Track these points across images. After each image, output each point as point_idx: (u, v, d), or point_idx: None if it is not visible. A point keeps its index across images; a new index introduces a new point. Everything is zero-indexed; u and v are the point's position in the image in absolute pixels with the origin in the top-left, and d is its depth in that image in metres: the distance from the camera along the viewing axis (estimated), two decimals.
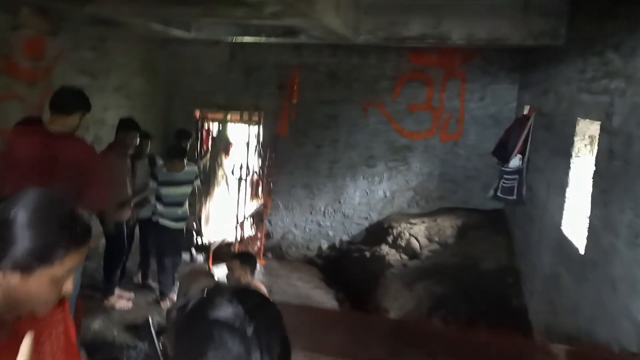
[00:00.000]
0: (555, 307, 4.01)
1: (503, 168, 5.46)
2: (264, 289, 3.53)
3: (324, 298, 6.09)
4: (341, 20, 4.17)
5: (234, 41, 6.12)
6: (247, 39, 5.78)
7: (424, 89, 6.95)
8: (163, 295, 5.16)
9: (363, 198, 7.26)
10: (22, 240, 1.03)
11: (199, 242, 7.39)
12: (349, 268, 6.79)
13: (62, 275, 1.07)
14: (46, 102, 5.13)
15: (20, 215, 1.03)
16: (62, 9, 4.73)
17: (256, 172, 7.34)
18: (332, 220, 7.38)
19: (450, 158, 7.04)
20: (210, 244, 7.26)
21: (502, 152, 5.47)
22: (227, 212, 7.90)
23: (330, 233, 7.40)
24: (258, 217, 6.87)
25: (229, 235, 7.08)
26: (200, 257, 6.97)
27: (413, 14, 4.81)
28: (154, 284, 5.43)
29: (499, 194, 5.50)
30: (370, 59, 6.96)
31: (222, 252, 6.33)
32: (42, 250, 1.04)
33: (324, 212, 7.37)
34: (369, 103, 7.05)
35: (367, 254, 6.61)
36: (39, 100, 5.10)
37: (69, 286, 1.12)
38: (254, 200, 7.27)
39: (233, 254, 3.59)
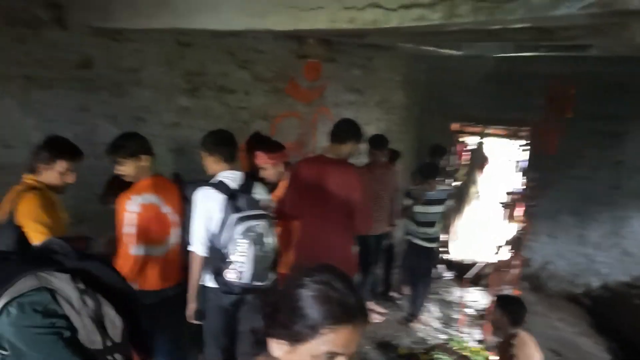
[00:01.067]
0: None
1: None
2: (536, 346, 3.08)
3: (593, 349, 5.16)
4: None
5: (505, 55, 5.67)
6: (523, 54, 5.29)
7: None
8: (412, 316, 5.10)
9: None
10: (304, 312, 1.01)
11: (449, 260, 7.16)
12: (628, 317, 5.62)
13: (326, 354, 1.01)
14: (319, 119, 5.64)
15: (308, 287, 1.03)
16: (343, 41, 5.06)
17: (517, 193, 6.71)
18: (606, 256, 6.22)
19: None
20: (461, 262, 6.97)
21: None
22: (477, 231, 7.48)
23: (604, 270, 6.25)
24: (516, 243, 6.25)
25: (479, 255, 6.68)
26: (448, 275, 6.74)
27: None
28: (401, 302, 5.46)
29: None
30: None
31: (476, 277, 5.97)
32: (318, 324, 1.00)
33: (597, 245, 6.27)
34: None
35: None
36: (312, 118, 5.58)
37: None
38: (512, 223, 6.66)
39: (498, 296, 3.21)
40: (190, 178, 3.18)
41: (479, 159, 7.15)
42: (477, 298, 6.04)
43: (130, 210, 2.67)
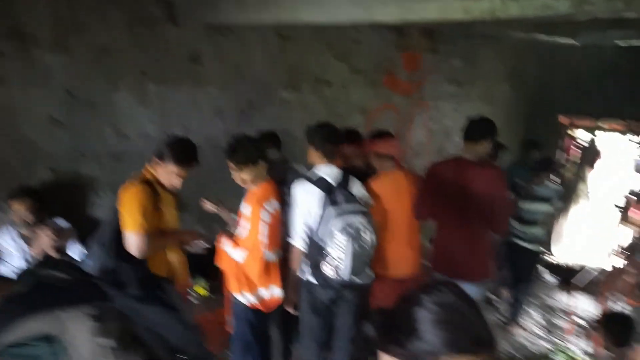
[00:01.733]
0: None
1: None
2: None
3: None
4: None
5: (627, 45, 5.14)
6: None
7: None
8: (512, 320, 4.84)
9: None
10: (422, 335, 0.92)
11: (553, 263, 6.70)
12: None
13: None
14: (417, 113, 5.49)
15: (429, 309, 0.94)
16: (446, 31, 4.87)
17: (634, 194, 6.11)
18: None
19: None
20: (567, 266, 6.50)
21: None
22: (586, 233, 6.92)
23: None
24: (631, 248, 5.70)
25: (587, 260, 6.17)
26: (551, 279, 6.30)
27: None
28: (500, 306, 5.19)
29: None
30: None
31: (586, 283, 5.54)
32: (438, 350, 0.91)
33: None
34: None
35: None
36: (410, 111, 5.44)
37: None
38: (627, 226, 6.07)
39: (601, 319, 2.92)
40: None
41: (590, 155, 6.58)
42: (585, 306, 5.60)
43: (265, 220, 2.71)
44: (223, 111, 3.94)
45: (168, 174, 2.58)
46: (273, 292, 2.85)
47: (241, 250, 2.74)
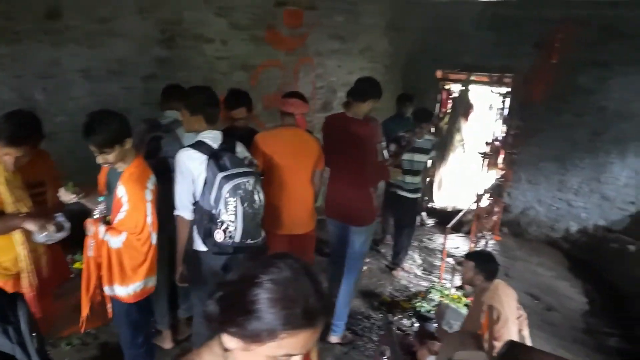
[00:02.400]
0: None
1: None
2: (512, 292, 3.15)
3: (570, 292, 5.35)
4: None
5: None
6: None
7: None
8: (395, 265, 5.19)
9: (632, 179, 6.01)
10: (260, 314, 0.92)
11: (432, 208, 7.23)
12: (604, 261, 5.81)
13: (283, 356, 0.96)
14: (301, 67, 5.48)
15: (265, 288, 0.94)
16: None
17: (498, 140, 6.72)
18: (586, 201, 6.35)
19: None
20: (444, 210, 7.04)
21: None
22: (461, 178, 7.53)
23: (583, 215, 6.40)
24: (497, 190, 6.32)
25: (462, 203, 6.73)
26: (430, 222, 6.83)
27: None
28: (384, 251, 5.55)
29: None
30: None
31: (458, 224, 6.03)
32: (276, 329, 0.92)
33: (577, 191, 6.38)
34: None
35: (632, 247, 5.52)
36: (295, 67, 5.41)
37: None
38: (493, 170, 6.71)
39: (468, 253, 3.22)
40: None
41: (463, 107, 7.08)
42: (459, 245, 6.16)
43: (149, 199, 2.46)
44: (90, 71, 3.61)
45: None
46: (148, 283, 2.60)
47: (120, 236, 2.44)
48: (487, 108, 7.30)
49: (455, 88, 7.16)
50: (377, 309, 4.31)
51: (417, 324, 4.03)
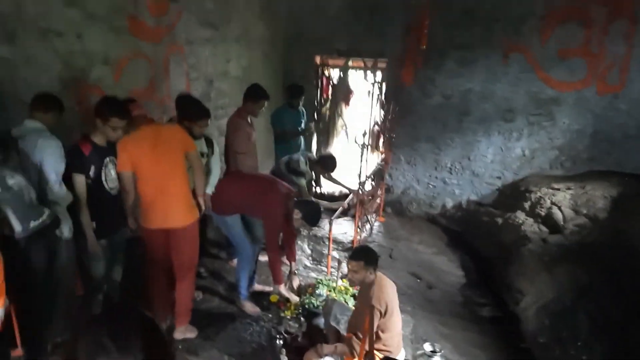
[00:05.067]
0: None
1: None
2: (392, 284, 3.23)
3: (448, 267, 5.71)
4: None
5: None
6: None
7: (581, 31, 5.84)
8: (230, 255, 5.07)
9: (497, 156, 6.54)
10: None
11: (321, 194, 7.29)
12: (477, 232, 6.28)
13: None
14: (171, 58, 5.12)
15: None
16: None
17: (378, 124, 6.90)
18: (459, 178, 6.80)
19: (607, 113, 6.00)
20: (332, 195, 7.12)
21: None
22: (345, 162, 7.66)
23: (457, 191, 6.85)
24: (379, 173, 6.52)
25: (348, 187, 6.85)
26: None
27: None
28: None
29: None
30: None
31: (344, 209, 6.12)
32: None
33: (451, 169, 6.80)
34: (512, 47, 6.12)
35: (499, 219, 6.01)
36: (164, 58, 5.05)
37: None
38: (375, 153, 6.90)
39: (354, 253, 3.22)
40: None
41: (343, 92, 7.16)
42: (347, 230, 6.27)
43: None
44: None
45: None
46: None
47: None
48: (366, 93, 7.45)
49: (335, 74, 7.21)
50: (267, 308, 4.23)
51: (305, 322, 4.01)
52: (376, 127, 6.89)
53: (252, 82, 5.00)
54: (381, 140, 6.91)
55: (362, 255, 3.17)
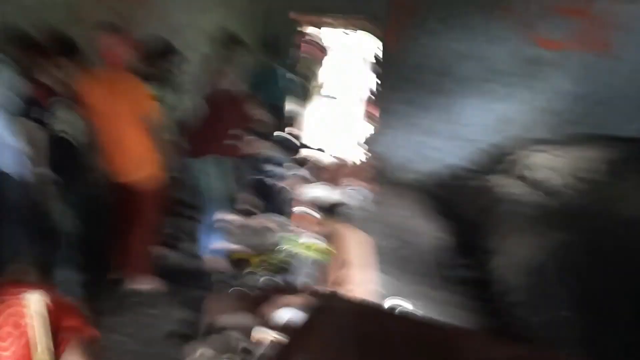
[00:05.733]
0: None
1: None
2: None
3: (427, 229, 5.52)
4: None
5: None
6: None
7: None
8: None
9: (477, 117, 6.30)
10: None
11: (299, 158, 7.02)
12: (459, 196, 6.07)
13: None
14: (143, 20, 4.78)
15: None
16: None
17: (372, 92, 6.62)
18: (439, 141, 6.55)
19: (597, 74, 5.74)
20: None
21: None
22: (322, 127, 7.39)
23: (437, 155, 6.62)
24: (368, 140, 6.27)
25: (327, 149, 6.62)
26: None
27: None
28: None
29: None
30: None
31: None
32: None
33: (430, 132, 6.55)
34: (496, 4, 5.85)
35: (481, 183, 5.80)
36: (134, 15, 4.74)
37: None
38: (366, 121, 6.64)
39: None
40: None
41: (317, 51, 6.83)
42: (319, 193, 6.02)
43: None
44: None
45: None
46: None
47: None
48: (348, 53, 7.18)
49: (310, 31, 6.90)
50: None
51: (266, 279, 3.82)
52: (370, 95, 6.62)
53: None
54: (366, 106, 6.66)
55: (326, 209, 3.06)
